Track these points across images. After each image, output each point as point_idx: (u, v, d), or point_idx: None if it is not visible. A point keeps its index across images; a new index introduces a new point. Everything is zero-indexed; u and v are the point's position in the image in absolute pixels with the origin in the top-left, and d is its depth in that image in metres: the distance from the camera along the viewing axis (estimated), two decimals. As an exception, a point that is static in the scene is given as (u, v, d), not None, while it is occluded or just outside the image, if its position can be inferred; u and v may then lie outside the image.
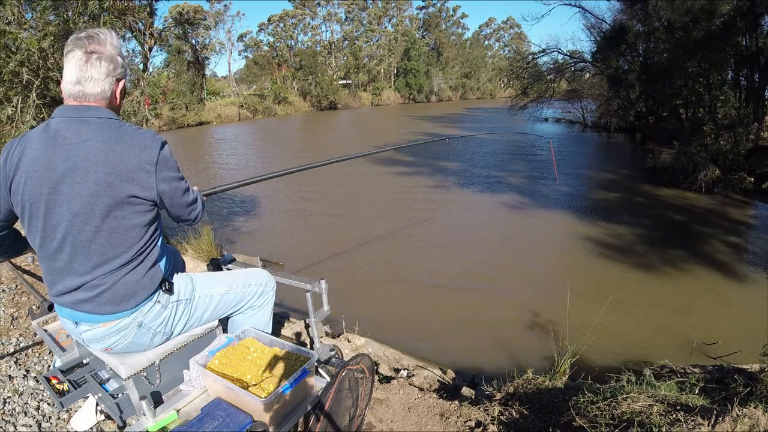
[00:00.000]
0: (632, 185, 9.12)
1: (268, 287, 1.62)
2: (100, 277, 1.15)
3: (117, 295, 1.18)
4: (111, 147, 1.09)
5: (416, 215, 7.38)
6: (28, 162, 1.10)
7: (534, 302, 4.26)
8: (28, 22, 3.89)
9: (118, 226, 1.13)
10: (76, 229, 1.10)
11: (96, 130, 1.10)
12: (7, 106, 3.83)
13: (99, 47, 1.13)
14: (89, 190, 1.08)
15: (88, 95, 1.13)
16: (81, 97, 1.13)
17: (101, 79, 1.14)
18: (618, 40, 13.76)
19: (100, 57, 1.13)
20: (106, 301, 1.18)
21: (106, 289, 1.17)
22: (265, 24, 38.25)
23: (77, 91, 1.13)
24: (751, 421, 1.26)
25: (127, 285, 1.19)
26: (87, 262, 1.14)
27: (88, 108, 1.13)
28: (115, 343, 1.27)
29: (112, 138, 1.10)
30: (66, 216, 1.10)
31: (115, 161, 1.09)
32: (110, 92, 1.17)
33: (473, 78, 45.69)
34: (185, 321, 1.39)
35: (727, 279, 4.72)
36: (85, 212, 1.09)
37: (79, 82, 1.12)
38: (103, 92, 1.15)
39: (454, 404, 2.00)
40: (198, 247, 4.68)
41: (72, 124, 1.11)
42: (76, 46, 1.12)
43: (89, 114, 1.12)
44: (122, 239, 1.14)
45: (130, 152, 1.10)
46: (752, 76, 9.69)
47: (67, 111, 1.13)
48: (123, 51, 1.23)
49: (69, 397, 1.48)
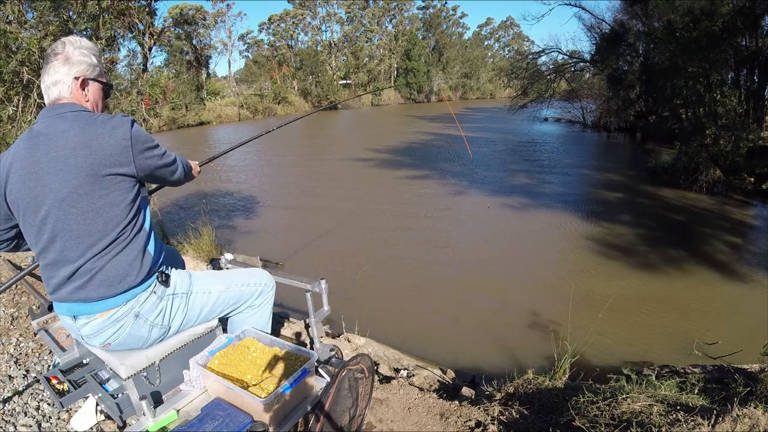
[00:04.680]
0: (632, 185, 9.12)
1: (267, 287, 1.62)
2: (91, 260, 1.20)
3: (108, 277, 1.21)
4: (86, 132, 1.17)
5: (416, 215, 7.38)
6: (16, 164, 1.20)
7: (534, 302, 4.26)
8: (28, 22, 3.90)
9: (103, 204, 1.18)
10: (64, 213, 1.16)
11: (72, 122, 1.19)
12: (8, 105, 3.83)
13: (56, 56, 1.26)
14: (72, 174, 1.14)
15: (55, 97, 1.26)
16: (53, 98, 1.26)
17: (60, 80, 1.25)
18: (618, 40, 13.75)
19: (55, 63, 1.25)
20: (98, 283, 1.21)
21: (98, 271, 1.20)
22: (266, 24, 38.30)
23: (47, 98, 1.27)
24: (751, 421, 1.26)
25: (117, 266, 1.22)
26: (78, 247, 1.19)
27: (61, 105, 1.24)
28: (113, 337, 1.27)
29: (86, 124, 1.19)
30: (54, 204, 1.16)
31: (92, 142, 1.16)
32: (70, 91, 1.26)
33: (473, 78, 45.72)
34: (182, 316, 1.39)
35: (728, 279, 4.71)
36: (70, 196, 1.15)
37: (46, 91, 1.26)
38: (63, 92, 1.25)
39: (454, 404, 2.00)
40: (198, 247, 4.68)
41: (50, 121, 1.20)
42: (45, 61, 1.28)
43: (63, 110, 1.22)
44: (108, 217, 1.20)
45: (104, 133, 1.18)
46: (752, 76, 9.69)
47: (45, 112, 1.24)
48: (86, 50, 1.30)
49: (69, 397, 1.48)
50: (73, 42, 1.29)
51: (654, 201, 7.86)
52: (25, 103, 3.92)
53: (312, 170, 11.78)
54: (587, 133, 18.03)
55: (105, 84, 1.36)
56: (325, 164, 12.50)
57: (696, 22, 9.21)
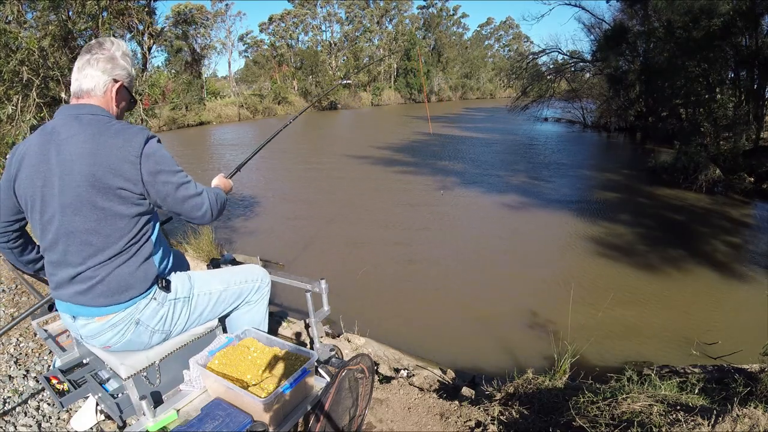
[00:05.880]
0: (632, 185, 9.12)
1: (263, 283, 1.63)
2: (93, 268, 1.18)
3: (110, 288, 1.20)
4: (96, 140, 1.13)
5: (417, 215, 7.38)
6: (27, 159, 1.18)
7: (534, 302, 4.26)
8: (28, 22, 3.89)
9: (107, 216, 1.15)
10: (67, 220, 1.14)
11: (85, 126, 1.15)
12: (8, 105, 3.83)
13: (100, 50, 1.23)
14: (76, 182, 1.12)
15: (83, 91, 1.21)
16: (78, 93, 1.22)
17: (96, 75, 1.21)
18: (618, 39, 13.76)
19: (99, 58, 1.22)
20: (100, 293, 1.19)
21: (100, 281, 1.19)
22: (266, 24, 38.29)
23: (76, 87, 1.22)
24: (751, 421, 1.26)
25: (120, 277, 1.20)
26: (80, 253, 1.17)
27: (82, 106, 1.20)
28: (113, 341, 1.27)
29: (98, 132, 1.15)
30: (58, 208, 1.14)
31: (99, 152, 1.12)
32: (104, 89, 1.22)
33: (473, 78, 45.70)
34: (185, 319, 1.39)
35: (727, 279, 4.71)
36: (74, 204, 1.13)
37: (78, 78, 1.22)
38: (97, 87, 1.21)
39: (454, 404, 2.00)
40: (198, 247, 4.68)
41: (67, 120, 1.17)
42: (84, 51, 1.24)
43: (83, 111, 1.19)
44: (112, 230, 1.16)
45: (114, 144, 1.13)
46: (752, 75, 9.70)
47: (64, 110, 1.21)
48: (128, 59, 1.28)
49: (69, 397, 1.48)
50: (121, 45, 1.27)
51: (654, 201, 7.86)
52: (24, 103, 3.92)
53: (312, 170, 11.78)
54: (587, 133, 18.03)
55: (132, 97, 1.33)
56: (325, 164, 12.50)
57: (695, 22, 9.21)
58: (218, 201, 1.37)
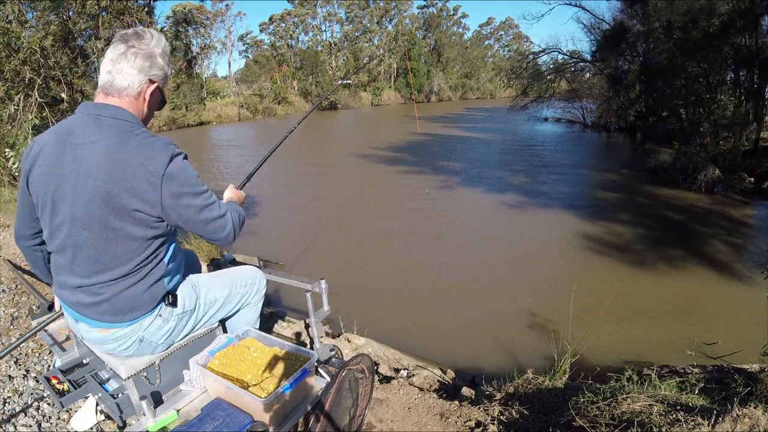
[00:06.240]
0: (632, 185, 9.12)
1: (261, 284, 1.63)
2: (98, 285, 1.13)
3: (115, 308, 1.16)
4: (114, 152, 1.03)
5: (417, 215, 7.38)
6: (41, 157, 1.10)
7: (534, 302, 4.26)
8: (29, 22, 3.90)
9: (118, 237, 1.07)
10: (76, 232, 1.08)
11: (106, 132, 1.06)
12: (9, 104, 3.83)
13: (140, 43, 1.11)
14: (88, 196, 1.04)
15: (115, 88, 1.10)
16: (108, 89, 1.11)
17: (132, 73, 1.10)
18: (618, 39, 13.76)
19: (137, 52, 1.10)
20: (104, 311, 1.16)
21: (105, 300, 1.14)
22: (266, 24, 38.31)
23: (106, 81, 1.10)
24: (751, 421, 1.26)
25: (126, 299, 1.15)
26: (86, 267, 1.12)
27: (106, 107, 1.09)
28: (114, 350, 1.27)
29: (118, 143, 1.04)
30: (68, 218, 1.08)
31: (115, 169, 1.02)
32: (138, 90, 1.12)
33: (473, 78, 45.72)
34: (190, 328, 1.40)
35: (727, 279, 4.71)
36: (84, 217, 1.06)
37: (110, 72, 1.10)
38: (131, 87, 1.11)
39: (454, 404, 2.00)
40: (198, 247, 4.67)
41: (87, 121, 1.08)
42: (120, 40, 1.11)
43: (106, 113, 1.08)
44: (122, 251, 1.09)
45: (133, 161, 1.03)
46: (751, 76, 9.70)
47: (86, 108, 1.11)
48: (167, 57, 1.17)
49: (69, 397, 1.48)
50: (161, 41, 1.15)
51: (653, 201, 7.87)
52: (26, 102, 3.92)
53: (312, 170, 11.77)
54: (587, 133, 18.04)
55: (163, 98, 1.23)
56: (325, 164, 12.50)
57: (695, 22, 9.21)
58: (240, 219, 1.29)
